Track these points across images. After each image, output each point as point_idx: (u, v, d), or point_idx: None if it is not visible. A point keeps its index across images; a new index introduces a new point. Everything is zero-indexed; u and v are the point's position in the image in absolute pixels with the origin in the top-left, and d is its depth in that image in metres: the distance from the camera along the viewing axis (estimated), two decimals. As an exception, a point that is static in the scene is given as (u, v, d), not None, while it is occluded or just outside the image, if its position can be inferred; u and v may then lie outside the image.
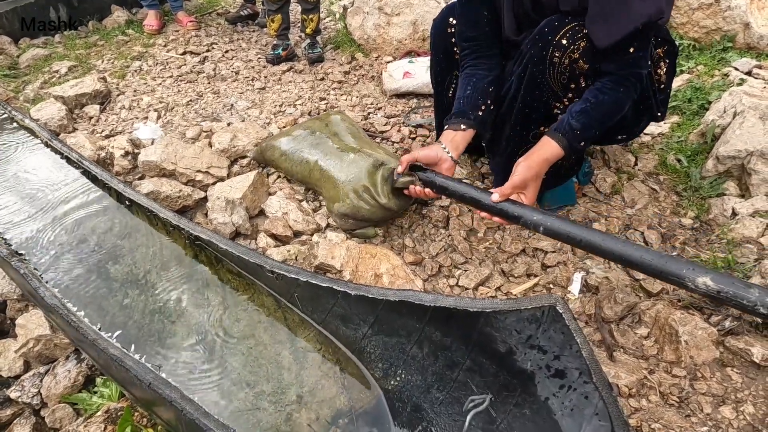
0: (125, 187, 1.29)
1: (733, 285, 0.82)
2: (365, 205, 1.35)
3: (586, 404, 0.59)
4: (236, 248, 1.06)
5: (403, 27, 2.53)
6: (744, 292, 0.80)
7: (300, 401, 0.89)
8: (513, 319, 0.65)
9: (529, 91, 1.22)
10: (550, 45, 1.14)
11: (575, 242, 1.02)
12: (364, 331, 0.88)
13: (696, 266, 0.88)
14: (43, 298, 0.96)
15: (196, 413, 0.65)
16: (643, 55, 1.12)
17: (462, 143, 1.28)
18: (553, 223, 1.04)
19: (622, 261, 0.99)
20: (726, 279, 0.83)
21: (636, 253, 0.92)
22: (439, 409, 0.77)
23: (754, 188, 1.42)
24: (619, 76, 1.13)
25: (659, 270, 0.90)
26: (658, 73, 1.30)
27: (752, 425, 0.94)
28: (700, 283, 0.84)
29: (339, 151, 1.50)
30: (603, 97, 1.13)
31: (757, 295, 0.79)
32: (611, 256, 1.01)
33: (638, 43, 1.09)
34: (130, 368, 0.77)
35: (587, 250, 1.03)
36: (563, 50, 1.13)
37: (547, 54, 1.15)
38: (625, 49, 1.09)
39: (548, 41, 1.14)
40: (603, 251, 0.99)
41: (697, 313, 1.14)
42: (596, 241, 0.99)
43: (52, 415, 1.08)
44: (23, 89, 2.42)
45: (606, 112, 1.15)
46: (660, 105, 1.34)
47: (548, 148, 1.16)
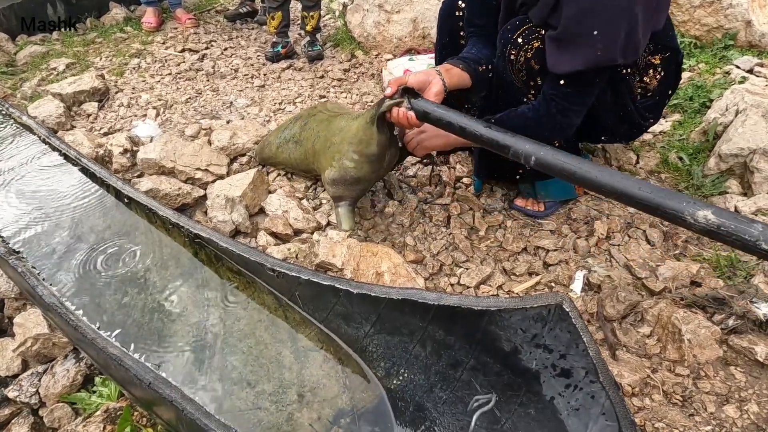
0: (124, 185, 1.27)
1: (735, 219, 0.76)
2: (351, 163, 1.30)
3: (593, 404, 0.58)
4: (237, 246, 1.05)
5: (403, 25, 2.52)
6: (746, 227, 0.74)
7: (301, 401, 0.89)
8: (518, 318, 0.65)
9: (499, 87, 1.28)
10: (509, 43, 1.17)
11: (568, 175, 0.95)
12: (366, 330, 0.87)
13: (696, 201, 0.81)
14: (42, 296, 0.95)
15: (197, 413, 0.65)
16: (572, 93, 1.12)
17: (456, 77, 1.27)
18: (546, 154, 0.98)
19: (619, 196, 0.92)
20: (728, 213, 0.78)
21: (634, 187, 0.85)
22: (442, 408, 0.76)
23: (757, 186, 1.41)
24: (546, 103, 1.15)
25: (657, 205, 0.83)
26: (645, 80, 1.28)
27: (756, 424, 0.93)
28: (700, 217, 0.78)
29: (327, 123, 1.48)
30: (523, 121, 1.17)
31: (760, 230, 0.73)
32: (608, 191, 0.93)
33: (570, 81, 1.10)
34: (129, 367, 0.76)
35: (581, 184, 0.97)
36: (518, 48, 1.16)
37: (506, 51, 1.18)
38: (557, 80, 1.11)
39: (507, 39, 1.17)
40: (599, 185, 0.92)
41: (700, 312, 1.13)
42: (591, 174, 0.91)
43: (50, 414, 1.07)
44: (21, 86, 2.40)
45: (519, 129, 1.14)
46: (647, 112, 1.32)
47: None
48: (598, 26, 1.00)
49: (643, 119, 1.33)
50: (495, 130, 1.10)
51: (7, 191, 1.31)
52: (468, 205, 1.52)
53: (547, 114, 1.16)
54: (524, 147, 1.02)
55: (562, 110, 1.15)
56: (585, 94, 1.14)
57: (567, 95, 1.12)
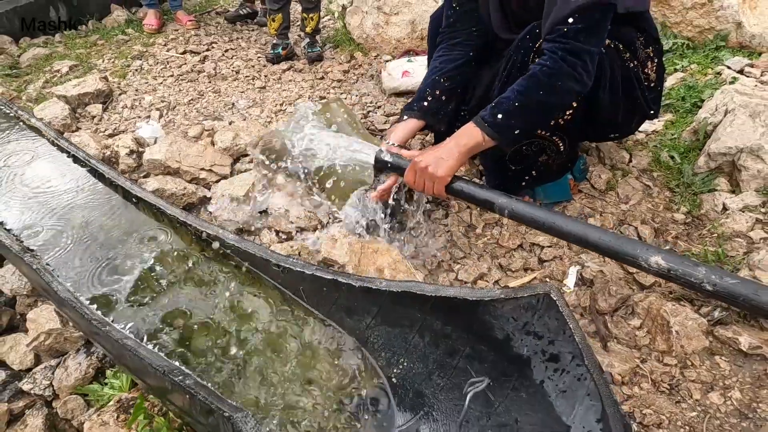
0: (132, 185, 1.32)
1: (682, 264, 0.86)
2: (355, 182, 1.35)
3: (579, 386, 0.63)
4: (243, 243, 1.10)
5: (402, 26, 2.56)
6: (692, 270, 0.84)
7: (307, 389, 0.93)
8: (510, 307, 0.69)
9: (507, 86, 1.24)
10: (531, 51, 1.17)
11: (538, 225, 1.06)
12: (367, 322, 0.92)
13: (649, 247, 0.91)
14: (57, 292, 0.99)
15: (210, 397, 0.69)
16: (583, 29, 1.02)
17: (403, 132, 1.34)
18: (516, 207, 1.08)
19: (581, 242, 1.03)
20: (676, 258, 0.87)
21: (594, 234, 0.96)
22: (440, 394, 0.80)
23: (744, 184, 1.46)
24: (550, 53, 1.04)
25: (615, 251, 0.94)
26: (646, 72, 1.31)
27: (739, 410, 0.98)
28: (652, 263, 0.88)
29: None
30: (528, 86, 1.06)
31: (703, 273, 0.84)
32: (571, 238, 1.05)
33: (578, 16, 1.01)
34: (144, 357, 0.81)
35: (550, 232, 1.07)
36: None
37: (528, 60, 1.17)
38: (564, 21, 1.02)
39: (529, 48, 1.17)
40: (564, 234, 1.04)
41: (687, 305, 1.18)
42: (557, 224, 1.03)
43: (64, 406, 1.11)
44: (25, 88, 2.44)
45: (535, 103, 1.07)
46: (652, 103, 1.36)
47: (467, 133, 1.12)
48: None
49: (650, 109, 1.36)
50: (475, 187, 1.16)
51: (19, 192, 1.35)
52: (465, 204, 1.56)
53: (559, 58, 1.03)
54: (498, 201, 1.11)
55: (574, 51, 1.03)
56: (595, 30, 1.04)
57: (577, 32, 1.01)
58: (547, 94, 1.05)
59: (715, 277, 0.81)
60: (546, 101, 1.08)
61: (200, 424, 0.77)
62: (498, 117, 1.08)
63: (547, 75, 1.04)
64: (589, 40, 1.04)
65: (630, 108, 1.32)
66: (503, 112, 1.08)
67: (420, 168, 1.14)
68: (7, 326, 1.28)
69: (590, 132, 1.42)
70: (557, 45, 1.04)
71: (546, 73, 1.04)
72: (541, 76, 1.05)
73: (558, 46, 1.04)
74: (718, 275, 0.82)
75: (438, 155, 1.13)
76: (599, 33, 1.06)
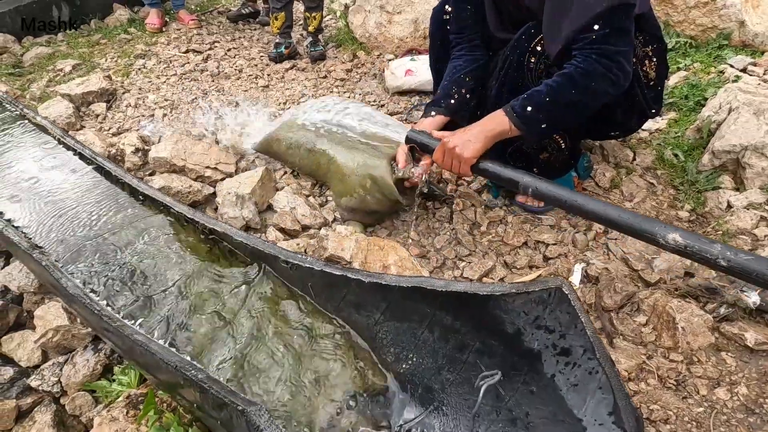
0: (139, 183, 1.32)
1: (698, 241, 0.91)
2: (373, 199, 1.38)
3: (590, 379, 0.63)
4: (250, 240, 1.10)
5: (405, 25, 2.56)
6: (708, 247, 0.89)
7: (316, 385, 0.93)
8: (521, 301, 0.70)
9: (510, 94, 1.25)
10: (527, 51, 1.18)
11: (561, 203, 1.11)
12: (376, 318, 0.92)
13: (667, 226, 0.97)
14: (66, 288, 0.99)
15: (222, 391, 0.69)
16: (611, 33, 1.02)
17: (431, 127, 1.34)
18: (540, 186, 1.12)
19: (603, 221, 1.09)
20: (692, 236, 0.93)
21: (614, 213, 1.02)
22: (449, 389, 0.81)
23: (749, 182, 1.46)
24: (581, 57, 1.05)
25: (635, 228, 1.00)
26: (645, 70, 1.31)
27: (746, 405, 0.99)
28: (670, 239, 0.93)
29: (346, 150, 1.53)
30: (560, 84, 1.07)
31: (719, 249, 0.88)
32: (592, 216, 1.10)
33: (603, 22, 1.02)
34: (156, 352, 0.81)
35: (572, 211, 1.13)
36: (538, 56, 1.17)
37: (524, 60, 1.19)
38: (589, 27, 1.03)
39: (525, 48, 1.19)
40: (586, 212, 1.09)
41: (693, 301, 1.18)
42: (579, 202, 1.08)
43: (72, 402, 1.11)
44: (29, 87, 2.44)
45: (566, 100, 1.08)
46: (652, 102, 1.36)
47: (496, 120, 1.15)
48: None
49: (650, 108, 1.36)
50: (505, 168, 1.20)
51: (27, 190, 1.36)
52: (470, 201, 1.57)
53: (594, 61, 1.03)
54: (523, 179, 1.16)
55: (607, 55, 1.03)
56: (623, 33, 1.05)
57: (606, 37, 1.02)
58: (579, 94, 1.06)
59: (731, 254, 0.86)
60: (578, 101, 1.08)
61: (212, 419, 0.78)
62: (527, 109, 1.10)
63: (581, 75, 1.05)
64: (620, 41, 1.04)
65: (628, 106, 1.32)
66: (533, 105, 1.09)
67: (449, 148, 1.18)
68: (15, 323, 1.28)
69: (591, 130, 1.43)
70: (588, 52, 1.04)
71: (580, 73, 1.05)
72: (576, 75, 1.05)
73: (590, 53, 1.04)
74: (732, 252, 0.86)
75: (466, 138, 1.16)
76: (627, 33, 1.06)
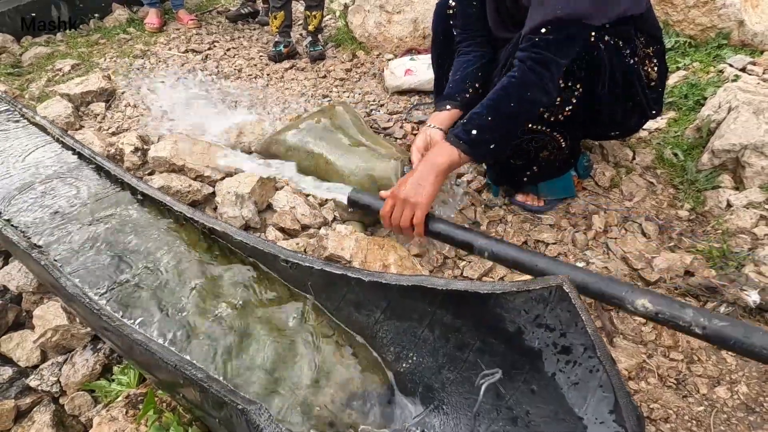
0: (138, 182, 1.32)
1: (669, 306, 0.81)
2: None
3: (591, 377, 0.63)
4: (250, 239, 1.10)
5: (404, 25, 2.56)
6: (680, 313, 0.80)
7: (315, 385, 0.93)
8: (522, 300, 0.69)
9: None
10: None
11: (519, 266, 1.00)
12: (376, 317, 0.92)
13: (635, 289, 0.87)
14: (65, 287, 0.99)
15: (222, 390, 0.69)
16: (554, 41, 1.02)
17: (446, 121, 1.32)
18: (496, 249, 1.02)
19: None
20: (663, 300, 0.83)
21: (580, 276, 0.91)
22: (450, 388, 0.81)
23: (748, 181, 1.47)
24: (520, 63, 1.05)
25: (601, 292, 0.89)
26: (646, 70, 1.31)
27: (746, 404, 0.99)
28: (639, 305, 0.83)
29: (345, 144, 1.53)
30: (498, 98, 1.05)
31: (691, 315, 0.79)
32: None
33: (551, 27, 1.01)
34: (155, 351, 0.81)
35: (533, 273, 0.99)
36: None
37: None
38: (537, 30, 1.03)
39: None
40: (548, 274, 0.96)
41: (693, 300, 1.18)
42: (540, 265, 0.97)
43: (71, 402, 1.11)
44: (28, 87, 2.44)
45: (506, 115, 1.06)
46: (652, 103, 1.36)
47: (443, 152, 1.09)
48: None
49: (650, 109, 1.36)
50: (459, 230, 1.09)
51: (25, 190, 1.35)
52: (470, 200, 1.57)
53: (527, 70, 1.04)
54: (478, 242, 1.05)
55: (543, 61, 1.03)
56: (566, 44, 1.05)
57: (548, 43, 1.02)
58: (517, 105, 1.06)
59: (704, 320, 0.77)
60: (517, 112, 1.07)
61: (212, 418, 0.78)
62: (472, 133, 1.07)
63: (516, 86, 1.05)
64: (559, 52, 1.04)
65: (629, 105, 1.32)
66: (477, 127, 1.07)
67: (400, 199, 1.08)
68: (14, 323, 1.28)
69: (591, 129, 1.43)
70: (527, 54, 1.05)
71: (515, 84, 1.05)
72: (511, 87, 1.05)
73: (528, 56, 1.04)
74: (706, 317, 0.78)
75: (415, 182, 1.08)
76: (570, 46, 1.06)
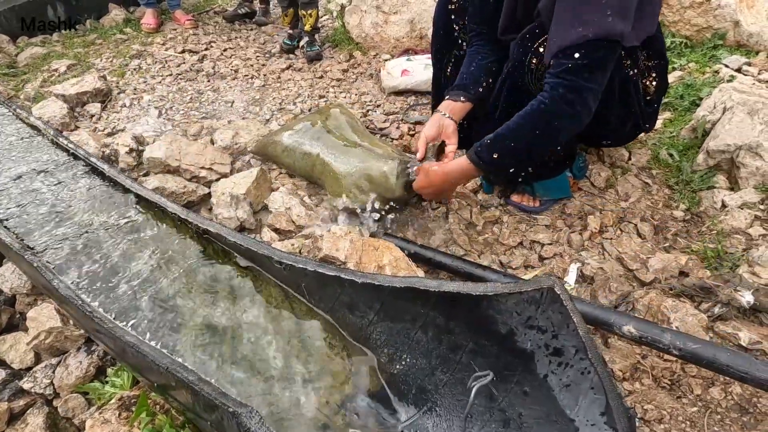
0: (132, 183, 1.31)
1: (651, 331, 0.97)
2: (368, 198, 1.38)
3: (583, 379, 0.63)
4: (244, 240, 1.09)
5: (401, 25, 2.56)
6: (659, 337, 0.95)
7: (309, 387, 0.93)
8: (513, 301, 0.69)
9: (512, 92, 1.25)
10: (529, 51, 1.18)
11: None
12: (370, 318, 0.92)
13: (620, 315, 1.02)
14: (58, 289, 0.99)
15: (213, 393, 0.69)
16: (588, 66, 1.01)
17: (459, 113, 1.33)
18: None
19: None
20: (646, 326, 0.98)
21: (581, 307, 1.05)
22: (443, 390, 0.81)
23: (743, 181, 1.47)
24: (552, 89, 1.04)
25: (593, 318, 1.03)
26: (645, 83, 1.31)
27: (740, 405, 0.99)
28: (625, 330, 0.99)
29: (340, 145, 1.53)
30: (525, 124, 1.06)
31: (669, 339, 0.94)
32: None
33: (585, 52, 1.00)
34: (147, 354, 0.80)
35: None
36: (539, 57, 1.16)
37: (525, 59, 1.18)
38: (570, 55, 1.01)
39: (528, 47, 1.18)
40: None
41: (687, 301, 1.18)
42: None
43: (64, 404, 1.10)
44: (23, 88, 2.43)
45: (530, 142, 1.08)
46: (647, 117, 1.36)
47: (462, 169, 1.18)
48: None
49: (644, 122, 1.37)
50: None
51: (19, 191, 1.35)
52: (466, 201, 1.57)
53: (559, 97, 1.02)
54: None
55: (576, 88, 1.01)
56: (599, 68, 1.03)
57: (581, 69, 1.00)
58: (542, 134, 1.06)
59: (680, 343, 0.93)
60: (542, 141, 1.09)
61: (204, 420, 0.77)
62: (494, 156, 1.10)
63: (545, 113, 1.05)
64: (593, 77, 1.03)
65: (624, 114, 1.32)
66: (499, 151, 1.09)
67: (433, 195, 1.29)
68: (7, 325, 1.27)
69: (584, 135, 1.43)
70: (560, 81, 1.03)
71: (544, 112, 1.04)
72: (539, 115, 1.05)
73: (561, 83, 1.03)
74: (682, 340, 0.93)
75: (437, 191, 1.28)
76: (604, 70, 1.05)
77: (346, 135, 1.61)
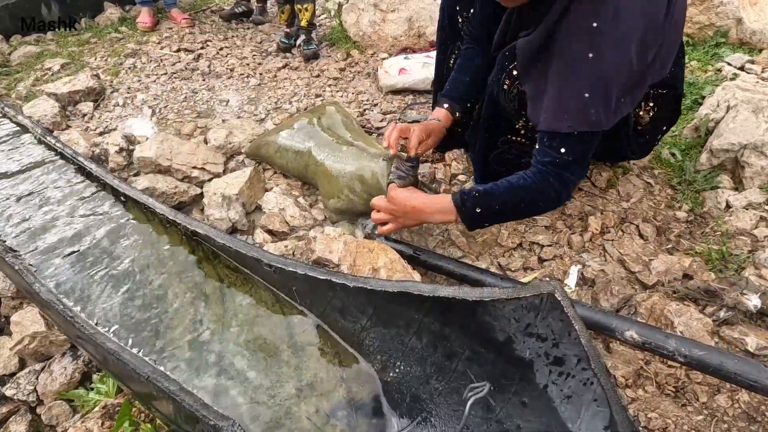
0: (120, 183, 1.28)
1: (655, 337, 0.93)
2: (360, 201, 1.35)
3: (585, 390, 0.59)
4: (233, 242, 1.06)
5: (399, 24, 2.53)
6: (663, 343, 0.91)
7: (299, 395, 0.89)
8: (511, 308, 0.66)
9: (491, 107, 1.25)
10: (504, 71, 1.16)
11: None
12: (362, 324, 0.88)
13: (623, 319, 1.00)
14: (39, 293, 0.95)
15: (195, 404, 0.65)
16: (573, 162, 1.05)
17: (446, 120, 1.36)
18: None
19: None
20: (649, 331, 0.95)
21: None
22: (438, 399, 0.77)
23: (748, 181, 1.43)
24: (541, 174, 1.08)
25: (594, 323, 1.01)
26: (637, 112, 1.25)
27: (747, 413, 0.95)
28: (628, 336, 0.95)
29: (334, 144, 1.49)
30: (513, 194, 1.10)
31: (674, 345, 0.90)
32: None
33: (570, 149, 1.03)
34: (127, 362, 0.77)
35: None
36: (512, 80, 1.15)
37: (500, 79, 1.17)
38: (557, 148, 1.04)
39: (504, 67, 1.16)
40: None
41: (692, 304, 1.15)
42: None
43: (48, 412, 1.07)
44: (15, 86, 2.40)
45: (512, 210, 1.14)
46: (636, 148, 1.32)
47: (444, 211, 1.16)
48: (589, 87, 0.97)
49: (632, 153, 1.35)
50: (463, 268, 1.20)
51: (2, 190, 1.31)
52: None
53: (548, 186, 1.08)
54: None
55: (563, 181, 1.07)
56: (583, 161, 1.09)
57: (568, 164, 1.05)
58: (526, 207, 1.14)
59: (685, 349, 0.89)
60: (522, 212, 1.19)
61: (187, 432, 0.74)
62: (477, 210, 1.13)
63: (531, 191, 1.10)
64: (578, 170, 1.10)
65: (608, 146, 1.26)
66: (482, 208, 1.12)
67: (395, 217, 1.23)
68: (-9, 329, 1.24)
69: None
70: (549, 171, 1.08)
71: (531, 189, 1.10)
72: (527, 191, 1.10)
73: (550, 173, 1.08)
74: (687, 347, 0.89)
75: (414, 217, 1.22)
76: (586, 161, 1.13)
77: (340, 134, 1.57)
